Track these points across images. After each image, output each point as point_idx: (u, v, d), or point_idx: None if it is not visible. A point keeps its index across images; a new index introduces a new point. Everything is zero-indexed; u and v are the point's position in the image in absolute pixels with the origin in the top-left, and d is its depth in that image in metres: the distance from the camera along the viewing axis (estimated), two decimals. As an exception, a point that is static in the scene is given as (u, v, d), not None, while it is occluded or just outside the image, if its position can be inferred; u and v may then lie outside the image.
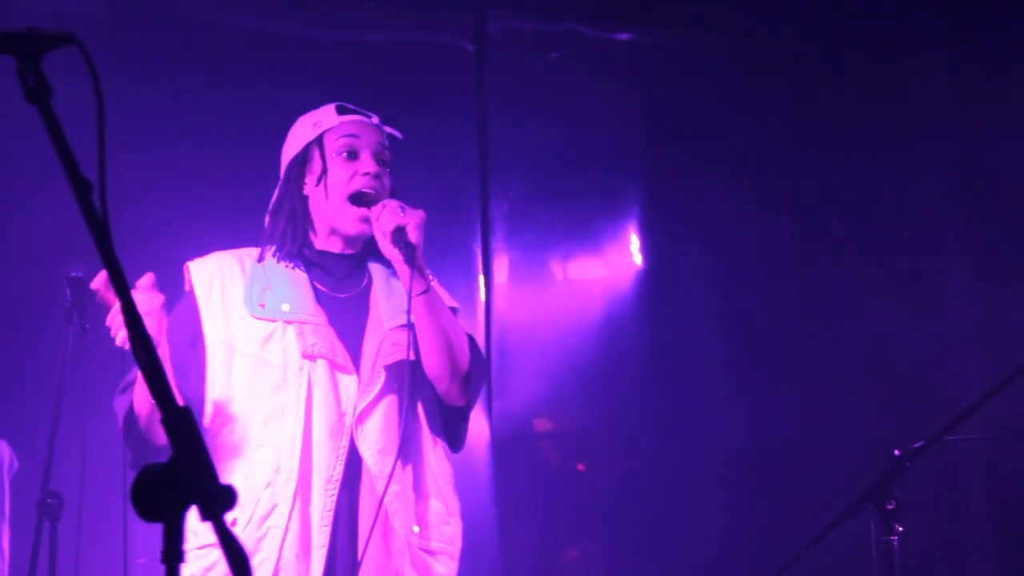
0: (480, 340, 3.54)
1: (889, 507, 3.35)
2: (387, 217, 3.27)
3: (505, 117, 5.84)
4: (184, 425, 1.54)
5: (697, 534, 5.82)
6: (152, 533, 1.51)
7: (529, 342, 5.78)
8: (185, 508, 1.51)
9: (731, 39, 6.19)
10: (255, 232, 3.58)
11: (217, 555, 3.21)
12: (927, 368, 5.58)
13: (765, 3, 6.05)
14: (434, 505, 3.37)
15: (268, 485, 3.23)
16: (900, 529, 3.34)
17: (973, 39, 5.64)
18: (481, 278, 5.72)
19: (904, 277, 5.69)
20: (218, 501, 1.51)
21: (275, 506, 3.22)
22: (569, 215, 5.93)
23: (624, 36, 6.15)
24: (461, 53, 5.83)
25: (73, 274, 4.15)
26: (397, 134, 3.50)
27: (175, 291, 3.41)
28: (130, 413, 3.24)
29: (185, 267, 3.44)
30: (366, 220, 3.36)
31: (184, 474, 1.51)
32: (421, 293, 3.27)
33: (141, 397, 3.20)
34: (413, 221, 3.25)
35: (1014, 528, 5.35)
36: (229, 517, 3.22)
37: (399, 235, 3.24)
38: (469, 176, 5.75)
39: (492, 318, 5.72)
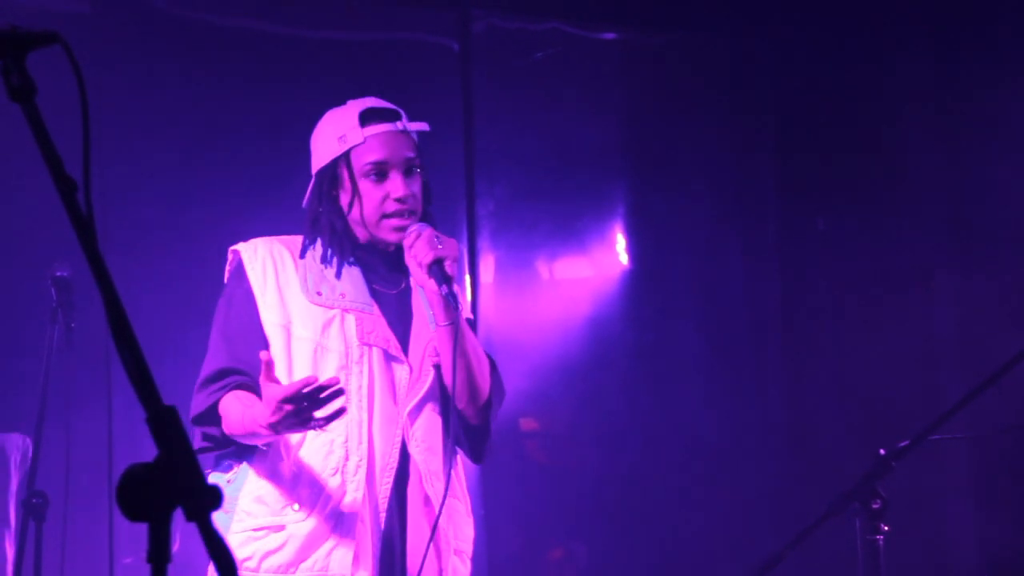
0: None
1: (875, 506, 3.35)
2: (422, 248, 3.24)
3: (490, 116, 5.84)
4: (169, 425, 1.54)
5: (681, 533, 5.83)
6: (138, 532, 1.50)
7: (514, 341, 5.78)
8: (171, 508, 1.51)
9: (715, 38, 6.20)
10: (241, 227, 3.57)
11: (279, 537, 3.22)
12: (910, 365, 5.59)
13: (749, 3, 6.06)
14: (458, 505, 3.40)
15: (337, 471, 3.23)
16: (886, 528, 3.34)
17: (956, 38, 5.65)
18: (467, 277, 5.72)
19: (887, 275, 5.70)
20: (203, 501, 1.51)
21: (344, 493, 3.22)
22: (554, 214, 5.93)
23: (609, 35, 6.16)
24: (446, 52, 5.83)
25: (58, 273, 4.13)
26: (425, 127, 3.41)
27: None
28: (209, 414, 3.24)
29: (232, 251, 3.38)
30: (401, 229, 3.32)
31: (170, 474, 1.50)
32: (451, 324, 3.26)
33: (239, 418, 3.19)
34: (451, 254, 3.24)
35: (999, 525, 5.36)
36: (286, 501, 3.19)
37: (436, 268, 3.22)
38: (455, 175, 5.75)
39: (478, 317, 5.72)
